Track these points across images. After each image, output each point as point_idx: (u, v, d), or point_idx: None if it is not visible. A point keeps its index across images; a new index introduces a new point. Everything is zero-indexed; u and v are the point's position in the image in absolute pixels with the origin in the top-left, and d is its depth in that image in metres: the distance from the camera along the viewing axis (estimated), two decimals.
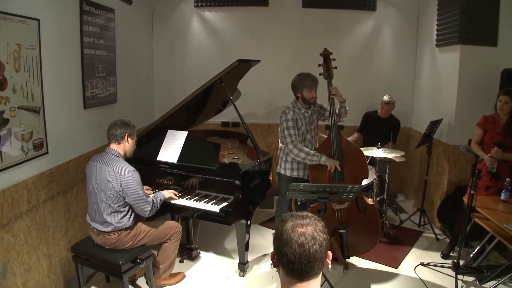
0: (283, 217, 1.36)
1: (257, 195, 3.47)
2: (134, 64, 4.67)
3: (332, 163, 3.27)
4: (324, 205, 2.78)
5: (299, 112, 3.45)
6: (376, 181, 4.08)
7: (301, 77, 3.41)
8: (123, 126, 2.85)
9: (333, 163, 3.27)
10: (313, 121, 3.57)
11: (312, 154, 3.31)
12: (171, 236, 3.09)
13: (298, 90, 3.42)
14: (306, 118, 3.48)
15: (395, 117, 4.76)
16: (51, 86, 2.90)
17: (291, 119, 3.40)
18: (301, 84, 3.39)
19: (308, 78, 3.38)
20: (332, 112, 3.39)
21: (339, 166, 3.27)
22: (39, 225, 2.82)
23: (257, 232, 4.32)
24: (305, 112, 3.48)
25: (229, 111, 4.32)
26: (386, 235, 4.17)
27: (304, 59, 4.93)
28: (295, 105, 3.47)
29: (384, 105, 4.62)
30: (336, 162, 3.27)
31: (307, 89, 3.37)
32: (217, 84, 3.50)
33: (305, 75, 3.40)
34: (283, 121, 3.42)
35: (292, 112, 3.42)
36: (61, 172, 3.09)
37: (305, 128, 3.48)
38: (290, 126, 3.39)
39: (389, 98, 4.61)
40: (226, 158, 3.70)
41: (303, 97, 3.42)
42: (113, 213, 2.76)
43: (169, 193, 3.14)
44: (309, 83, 3.36)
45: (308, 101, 3.41)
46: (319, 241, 1.27)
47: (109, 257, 2.79)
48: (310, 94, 3.39)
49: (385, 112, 4.67)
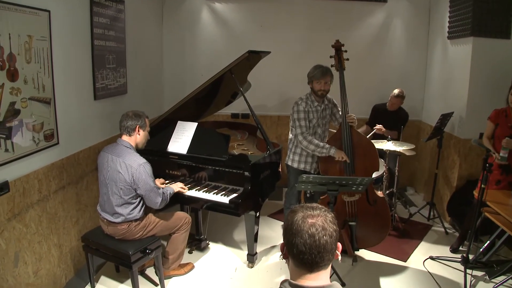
0: (293, 208, 1.35)
1: (266, 187, 3.45)
2: (144, 55, 4.65)
3: (341, 155, 3.23)
4: (334, 197, 2.75)
5: (312, 104, 3.42)
6: (385, 174, 4.04)
7: (313, 69, 3.39)
8: (134, 118, 2.83)
9: (342, 155, 3.23)
10: (325, 116, 3.53)
11: (321, 146, 3.28)
12: (181, 227, 3.08)
13: (309, 81, 3.40)
14: (319, 112, 3.45)
15: (404, 110, 4.69)
16: (62, 77, 2.90)
17: (303, 110, 3.36)
18: (311, 75, 3.37)
19: (317, 69, 3.34)
20: (344, 104, 3.34)
21: (348, 158, 3.23)
22: (50, 215, 2.84)
23: (266, 223, 4.31)
24: (318, 106, 3.44)
25: (239, 102, 4.29)
26: (395, 228, 4.13)
27: (315, 50, 4.89)
28: (309, 97, 3.44)
29: (393, 98, 4.55)
30: (345, 154, 3.24)
31: (316, 81, 3.35)
32: (227, 76, 3.47)
33: (316, 67, 3.37)
34: (295, 112, 3.39)
35: (304, 103, 3.39)
36: (72, 163, 3.09)
37: (316, 122, 3.45)
38: (301, 117, 3.36)
39: (399, 92, 4.53)
40: (235, 150, 3.68)
41: (313, 88, 3.39)
42: (124, 204, 2.76)
43: (177, 187, 3.13)
44: (317, 74, 3.33)
45: (316, 92, 3.37)
46: (329, 232, 1.27)
47: (119, 247, 2.79)
48: (318, 86, 3.35)
49: (394, 106, 4.60)
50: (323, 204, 1.43)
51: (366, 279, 3.28)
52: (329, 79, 3.35)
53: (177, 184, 3.17)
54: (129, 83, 4.06)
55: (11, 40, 2.32)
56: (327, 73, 3.33)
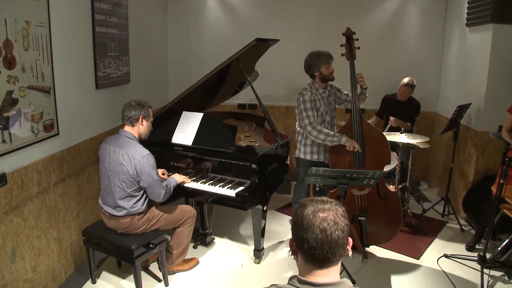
0: (303, 202, 1.34)
1: (274, 180, 3.41)
2: (148, 43, 4.61)
3: (353, 143, 3.19)
4: (344, 191, 2.72)
5: (317, 92, 3.37)
6: (398, 168, 3.98)
7: (316, 56, 3.35)
8: (137, 108, 2.79)
9: (353, 143, 3.18)
10: (331, 102, 3.50)
11: (332, 135, 3.23)
12: (185, 221, 3.06)
13: (315, 69, 3.35)
14: (324, 98, 3.41)
15: (415, 100, 4.59)
16: (62, 65, 2.86)
17: (309, 100, 3.31)
18: (318, 62, 3.32)
19: (323, 54, 3.32)
20: (355, 94, 3.27)
21: (359, 148, 3.18)
22: (50, 208, 2.82)
23: (273, 218, 4.27)
24: (323, 93, 3.41)
25: (246, 92, 4.25)
26: (407, 224, 4.07)
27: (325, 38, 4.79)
28: (312, 86, 3.39)
29: (402, 87, 4.47)
30: (356, 143, 3.19)
31: (325, 65, 3.32)
32: (234, 64, 3.42)
33: (319, 53, 3.34)
34: (301, 102, 3.34)
35: (309, 93, 3.34)
36: (73, 154, 3.07)
37: (324, 109, 3.40)
38: (308, 107, 3.30)
39: (409, 80, 4.45)
40: (242, 141, 3.65)
41: (321, 74, 3.34)
42: (126, 197, 2.74)
43: (180, 177, 3.11)
44: (326, 59, 3.31)
45: (327, 77, 3.35)
46: (341, 226, 1.26)
47: (121, 242, 2.77)
48: (328, 70, 3.33)
49: (403, 95, 4.52)
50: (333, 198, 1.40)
51: (376, 277, 3.23)
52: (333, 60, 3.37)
53: (178, 175, 3.15)
54: (132, 72, 4.04)
55: (7, 26, 2.27)
56: (331, 55, 3.35)
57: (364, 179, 2.71)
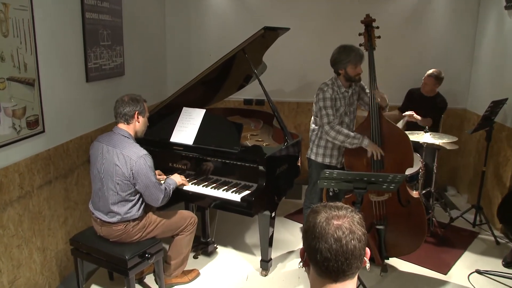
0: (315, 208, 1.34)
1: (283, 183, 3.45)
2: (144, 31, 4.66)
3: (375, 149, 3.21)
4: (361, 197, 2.74)
5: (339, 90, 3.39)
6: (422, 171, 3.99)
7: (345, 52, 3.30)
8: (131, 103, 2.82)
9: (375, 149, 3.21)
10: (353, 102, 3.52)
11: (352, 136, 3.26)
12: (185, 228, 3.10)
13: (341, 66, 3.34)
14: (346, 98, 3.42)
15: (441, 96, 4.60)
16: (48, 55, 2.87)
17: (330, 98, 3.34)
18: (346, 60, 3.29)
19: (353, 53, 3.27)
20: (373, 89, 3.30)
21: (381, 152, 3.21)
22: (33, 214, 2.83)
23: (282, 225, 4.31)
24: (345, 92, 3.42)
25: (252, 87, 4.28)
26: (433, 234, 4.08)
27: (341, 27, 4.83)
28: (335, 83, 3.41)
29: (426, 78, 4.47)
30: (378, 148, 3.21)
31: (353, 66, 3.29)
32: (239, 56, 3.45)
33: (349, 49, 3.29)
34: (320, 99, 3.37)
35: (331, 90, 3.36)
36: (60, 154, 3.10)
37: (343, 110, 3.42)
38: (328, 105, 3.34)
39: (433, 71, 4.44)
40: (248, 141, 3.69)
41: (346, 74, 3.34)
42: (121, 202, 2.77)
43: (180, 178, 3.15)
44: (356, 59, 3.27)
45: (353, 78, 3.35)
46: (358, 235, 1.25)
47: (113, 251, 2.79)
48: (355, 71, 3.31)
49: (425, 88, 4.51)
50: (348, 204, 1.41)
51: None
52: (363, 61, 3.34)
53: (177, 175, 3.18)
54: (126, 63, 4.08)
55: None
56: (363, 55, 3.30)
57: (383, 183, 2.72)
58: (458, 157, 5.26)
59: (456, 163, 5.33)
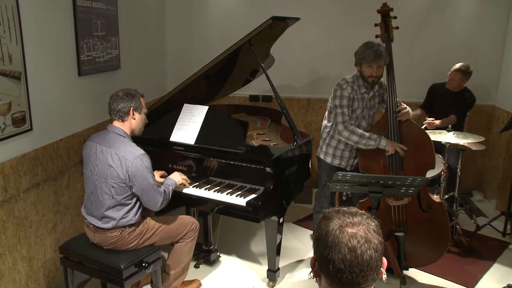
0: (327, 214, 1.34)
1: (292, 186, 3.45)
2: (142, 21, 4.68)
3: (396, 147, 3.21)
4: (377, 201, 2.73)
5: (358, 91, 3.40)
6: (444, 174, 3.98)
7: (363, 47, 3.30)
8: (126, 99, 2.82)
9: (396, 147, 3.21)
10: (373, 106, 3.52)
11: (367, 137, 3.26)
12: (186, 235, 3.11)
13: (357, 62, 3.35)
14: (365, 100, 3.43)
15: (469, 92, 4.58)
16: (35, 45, 2.87)
17: (348, 96, 3.35)
18: (361, 56, 3.29)
19: (370, 50, 3.24)
20: (391, 84, 3.31)
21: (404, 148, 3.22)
22: (19, 219, 2.82)
23: (290, 232, 4.32)
24: (365, 93, 3.42)
25: (259, 82, 4.29)
26: (457, 243, 4.08)
27: (356, 17, 4.83)
28: (355, 81, 3.42)
29: (453, 72, 4.43)
30: (400, 145, 3.22)
31: (366, 65, 3.28)
32: (245, 48, 3.46)
33: (368, 46, 3.27)
34: (337, 97, 3.38)
35: (350, 88, 3.37)
36: (49, 154, 3.11)
37: (360, 113, 3.43)
38: (345, 104, 3.35)
39: (461, 65, 4.42)
40: (255, 140, 3.70)
41: (361, 73, 3.36)
42: (116, 206, 2.78)
43: (180, 176, 3.15)
44: (370, 57, 3.24)
45: (366, 78, 3.34)
46: (374, 244, 1.24)
47: (107, 260, 2.79)
48: (369, 71, 3.29)
49: (451, 83, 4.48)
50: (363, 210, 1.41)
51: None
52: (383, 62, 3.27)
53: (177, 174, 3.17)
54: (122, 55, 4.10)
55: None
56: (381, 55, 3.23)
57: (402, 186, 2.72)
58: (485, 158, 5.24)
59: (483, 165, 5.31)
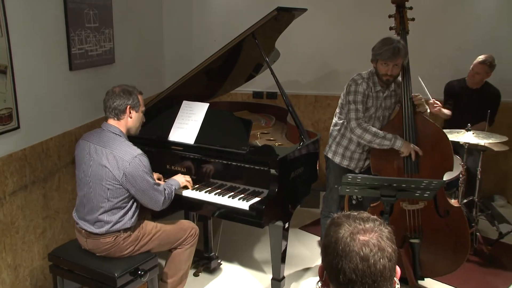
0: (336, 220, 1.34)
1: (298, 189, 3.45)
2: (138, 12, 4.68)
3: (411, 149, 3.21)
4: (390, 206, 2.74)
5: (373, 88, 3.41)
6: (462, 176, 3.97)
7: (381, 43, 3.29)
8: (122, 96, 2.83)
9: (411, 150, 3.21)
10: (389, 106, 3.52)
11: (381, 136, 3.26)
12: (184, 241, 3.12)
13: (373, 59, 3.36)
14: (379, 99, 3.44)
15: (493, 87, 4.57)
16: (22, 37, 2.86)
17: (363, 92, 3.36)
18: (377, 52, 3.29)
19: (387, 47, 3.22)
20: (406, 80, 3.31)
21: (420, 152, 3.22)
22: (4, 225, 2.81)
23: (296, 238, 4.33)
24: (380, 92, 3.43)
25: (263, 77, 4.30)
26: (477, 252, 4.07)
27: (367, 7, 4.82)
28: (371, 78, 3.42)
29: (477, 65, 4.41)
30: (416, 148, 3.22)
31: (382, 61, 3.28)
32: (248, 41, 3.47)
33: (386, 42, 3.25)
34: (351, 92, 3.38)
35: (365, 85, 3.38)
36: (38, 154, 3.11)
37: (374, 112, 3.44)
38: (359, 100, 3.35)
39: (486, 57, 4.39)
40: (258, 140, 3.71)
41: (376, 70, 3.36)
42: (112, 210, 2.79)
43: (184, 178, 3.16)
44: (386, 54, 3.22)
45: (380, 77, 3.35)
46: (388, 253, 1.24)
47: (100, 268, 2.78)
48: (384, 69, 3.29)
49: (474, 78, 4.46)
50: (375, 214, 1.40)
51: None
52: (400, 60, 3.25)
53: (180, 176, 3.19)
54: (117, 49, 4.11)
55: None
56: (398, 53, 3.21)
57: (417, 190, 2.72)
58: (508, 160, 5.22)
59: (507, 168, 5.30)
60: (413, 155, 3.22)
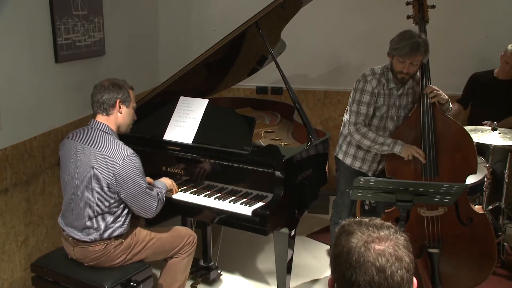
0: (347, 227, 1.33)
1: (306, 193, 3.46)
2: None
3: (413, 151, 3.20)
4: (406, 212, 2.72)
5: (386, 85, 3.39)
6: (487, 180, 3.96)
7: (399, 37, 3.25)
8: (112, 89, 2.83)
9: (413, 151, 3.20)
10: (405, 105, 3.50)
11: (380, 142, 3.27)
12: (181, 249, 3.12)
13: (389, 53, 3.32)
14: (393, 97, 3.42)
15: None
16: (2, 26, 2.87)
17: (371, 92, 3.34)
18: (394, 47, 3.25)
19: (406, 42, 3.18)
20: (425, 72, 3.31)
21: (423, 158, 3.20)
22: None
23: (303, 246, 4.33)
24: (394, 89, 3.41)
25: (268, 71, 4.31)
26: (505, 264, 4.05)
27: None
28: (384, 73, 3.40)
29: (509, 55, 4.35)
30: (418, 150, 3.20)
31: (398, 58, 3.24)
32: (251, 31, 3.48)
33: (405, 36, 3.21)
34: (358, 90, 3.38)
35: (376, 82, 3.36)
36: (20, 154, 3.11)
37: (386, 111, 3.42)
38: (365, 101, 3.35)
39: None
40: (262, 139, 3.70)
41: (392, 65, 3.34)
42: (101, 215, 2.79)
43: (170, 180, 3.16)
44: (404, 50, 3.17)
45: (395, 74, 3.33)
46: (406, 263, 1.24)
47: (89, 279, 2.79)
48: (400, 66, 3.25)
49: (505, 68, 4.40)
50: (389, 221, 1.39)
51: None
52: (419, 58, 3.20)
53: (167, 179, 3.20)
54: (108, 39, 4.12)
55: None
56: (418, 50, 3.16)
57: (436, 194, 2.71)
58: None
59: None
60: (419, 157, 3.20)
